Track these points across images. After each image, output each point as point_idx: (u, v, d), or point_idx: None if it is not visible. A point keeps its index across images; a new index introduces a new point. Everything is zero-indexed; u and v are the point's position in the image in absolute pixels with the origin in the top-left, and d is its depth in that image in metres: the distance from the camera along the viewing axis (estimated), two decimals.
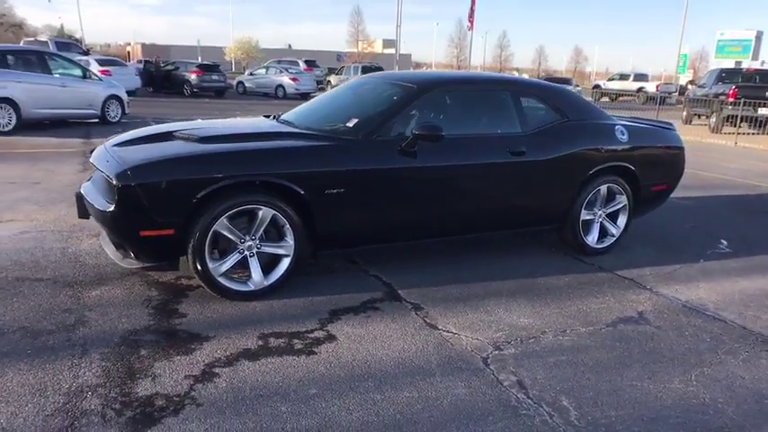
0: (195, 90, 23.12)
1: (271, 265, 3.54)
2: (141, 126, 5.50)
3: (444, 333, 3.20)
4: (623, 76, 36.79)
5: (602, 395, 2.66)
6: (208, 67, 24.33)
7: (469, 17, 34.74)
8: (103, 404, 2.39)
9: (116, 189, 3.13)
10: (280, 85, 25.14)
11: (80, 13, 49.39)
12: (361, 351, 2.95)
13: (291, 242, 3.49)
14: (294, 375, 2.69)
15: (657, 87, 33.14)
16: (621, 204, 4.67)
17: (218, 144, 3.49)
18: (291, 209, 3.43)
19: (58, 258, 4.03)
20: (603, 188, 4.54)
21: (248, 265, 3.45)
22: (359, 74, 23.36)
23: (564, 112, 4.41)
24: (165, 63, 26.79)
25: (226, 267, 3.38)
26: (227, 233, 3.33)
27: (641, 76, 36.59)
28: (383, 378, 2.70)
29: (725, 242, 5.27)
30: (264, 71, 27.38)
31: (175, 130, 3.77)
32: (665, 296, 3.91)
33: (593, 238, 4.63)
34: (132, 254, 3.34)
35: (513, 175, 4.11)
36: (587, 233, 4.61)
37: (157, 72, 24.97)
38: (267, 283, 3.48)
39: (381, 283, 3.87)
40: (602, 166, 4.43)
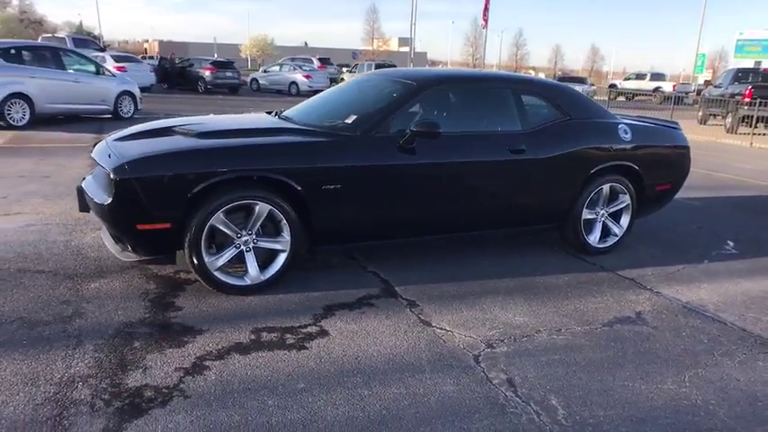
0: (209, 87, 23.28)
1: (268, 260, 3.56)
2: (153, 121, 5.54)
3: (438, 330, 3.19)
4: (639, 76, 36.34)
5: (592, 395, 2.63)
6: (222, 64, 24.50)
7: (484, 15, 34.59)
8: (93, 394, 2.42)
9: (113, 183, 3.16)
10: (293, 83, 25.24)
11: (98, 10, 50.09)
12: (352, 347, 2.95)
13: (288, 237, 3.50)
14: (284, 370, 2.70)
15: (674, 87, 32.73)
16: (624, 204, 4.62)
17: (215, 139, 3.51)
18: (288, 204, 3.44)
19: (61, 251, 4.09)
20: (606, 187, 4.49)
21: (245, 260, 3.47)
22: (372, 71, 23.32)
23: (566, 111, 4.37)
24: (180, 60, 27.00)
25: (222, 262, 3.40)
26: (223, 228, 3.36)
27: (658, 76, 36.11)
28: (372, 374, 2.71)
29: (731, 243, 5.19)
30: (278, 68, 27.48)
31: (175, 126, 3.80)
32: (665, 297, 3.87)
33: (595, 238, 4.59)
34: (130, 247, 3.39)
35: (513, 172, 4.08)
36: (589, 232, 4.56)
37: (172, 69, 25.19)
38: (263, 278, 3.50)
39: (379, 280, 3.87)
40: (604, 165, 4.38)
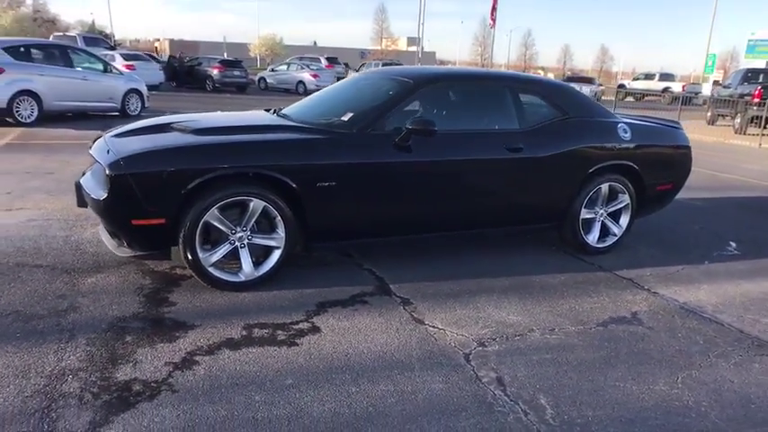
0: (217, 85, 23.38)
1: (263, 256, 3.57)
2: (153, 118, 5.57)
3: (430, 328, 3.18)
4: (648, 76, 36.04)
5: (581, 395, 2.62)
6: (230, 63, 24.62)
7: (491, 15, 34.47)
8: (82, 387, 2.44)
9: (108, 178, 3.18)
10: (300, 81, 25.30)
11: (110, 9, 50.43)
12: (342, 344, 2.95)
13: (282, 234, 3.51)
14: (273, 366, 2.70)
15: (684, 87, 32.45)
16: (624, 203, 4.59)
17: (211, 136, 3.52)
18: (283, 201, 3.45)
19: (60, 246, 4.12)
20: (605, 186, 4.46)
21: (239, 256, 3.48)
22: None
23: (564, 109, 4.35)
24: (189, 59, 27.13)
25: (216, 258, 3.42)
26: (218, 224, 3.37)
27: (667, 76, 35.80)
28: (361, 371, 2.70)
29: (734, 244, 5.14)
30: (286, 67, 27.57)
31: (173, 122, 3.82)
32: (662, 297, 3.83)
33: (593, 238, 4.56)
34: (125, 242, 3.41)
35: (509, 171, 4.06)
36: (588, 232, 4.53)
37: (180, 67, 25.34)
38: (257, 275, 3.51)
39: (374, 277, 3.87)
40: (603, 164, 4.35)
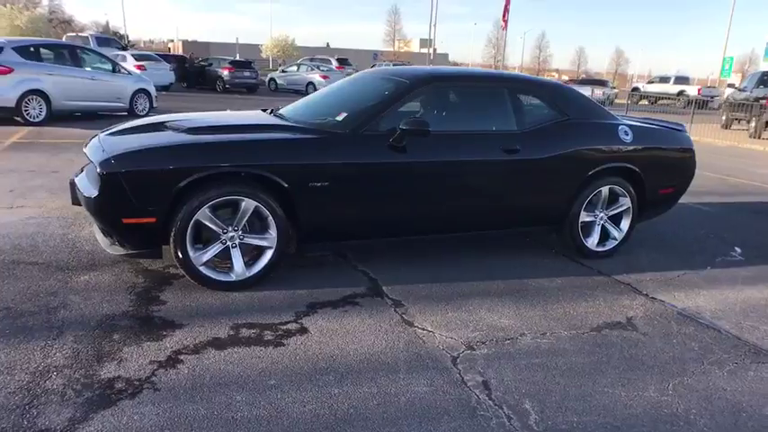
0: (227, 86, 23.53)
1: (255, 256, 3.56)
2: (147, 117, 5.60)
3: (419, 330, 3.15)
4: (663, 79, 35.58)
5: (568, 400, 2.57)
6: (240, 64, 24.75)
7: (503, 17, 34.34)
8: (65, 384, 2.44)
9: (100, 176, 3.19)
10: (310, 83, 25.32)
11: (124, 10, 50.97)
12: (330, 345, 2.93)
13: (274, 234, 3.49)
14: (257, 366, 2.69)
15: (699, 91, 32.04)
16: (625, 207, 4.52)
17: (203, 135, 3.52)
18: (275, 201, 3.44)
19: (57, 244, 4.14)
20: (605, 189, 4.40)
21: (230, 256, 3.47)
22: None
23: (564, 111, 4.29)
24: (199, 60, 27.33)
25: (207, 257, 3.41)
26: (209, 223, 3.36)
27: (682, 79, 35.31)
28: (346, 372, 2.68)
29: (738, 249, 5.05)
30: (296, 68, 27.66)
31: (167, 121, 3.83)
32: (660, 302, 3.77)
33: (593, 241, 4.50)
34: (117, 241, 3.41)
35: (506, 173, 4.01)
36: (587, 235, 4.48)
37: (191, 68, 25.53)
38: (249, 275, 3.50)
39: (367, 279, 3.84)
40: (603, 167, 4.29)
